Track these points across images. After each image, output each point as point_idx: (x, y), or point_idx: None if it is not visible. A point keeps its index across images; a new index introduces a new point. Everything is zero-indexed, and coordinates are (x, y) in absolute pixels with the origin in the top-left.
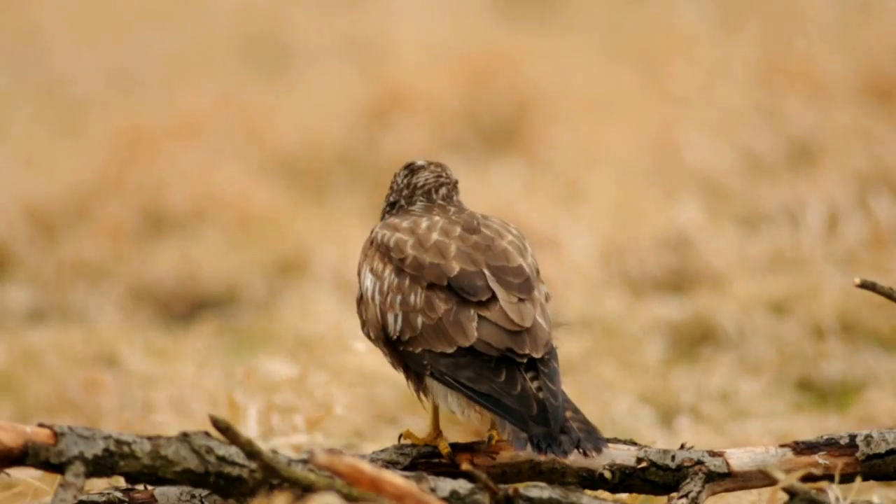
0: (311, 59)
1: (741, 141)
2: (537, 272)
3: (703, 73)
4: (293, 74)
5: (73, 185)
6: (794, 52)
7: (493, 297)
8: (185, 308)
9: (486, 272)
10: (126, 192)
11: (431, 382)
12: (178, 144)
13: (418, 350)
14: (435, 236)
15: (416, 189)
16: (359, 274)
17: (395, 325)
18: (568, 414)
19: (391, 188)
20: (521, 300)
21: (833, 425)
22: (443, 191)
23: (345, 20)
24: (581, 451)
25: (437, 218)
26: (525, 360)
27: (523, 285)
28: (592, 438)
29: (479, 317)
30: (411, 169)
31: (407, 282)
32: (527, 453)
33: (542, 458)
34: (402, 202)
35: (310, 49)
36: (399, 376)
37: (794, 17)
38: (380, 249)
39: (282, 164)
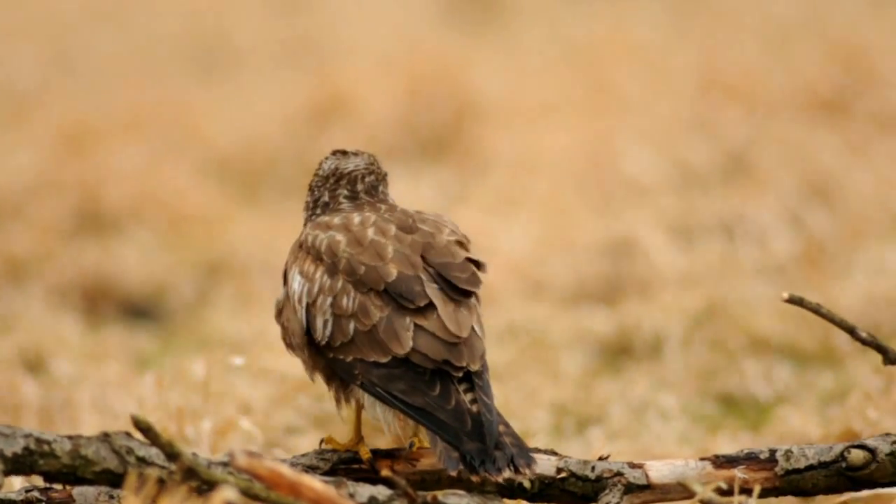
0: (254, 62)
1: (678, 152)
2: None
3: (643, 83)
4: (235, 76)
5: (9, 180)
6: (732, 65)
7: (431, 304)
8: (113, 308)
9: (424, 276)
10: (63, 189)
11: (359, 391)
12: (117, 143)
13: (349, 358)
14: (371, 235)
15: (342, 178)
16: (285, 276)
17: (323, 330)
18: (501, 428)
19: (315, 179)
20: (457, 307)
21: (752, 440)
22: (370, 180)
23: (288, 23)
24: (514, 468)
25: (368, 214)
26: (461, 374)
27: (471, 279)
28: (524, 454)
29: (416, 326)
30: (342, 153)
31: (339, 284)
32: (457, 473)
33: (474, 478)
34: (326, 196)
35: (252, 51)
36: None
37: (734, 30)
38: (311, 252)
39: (219, 166)
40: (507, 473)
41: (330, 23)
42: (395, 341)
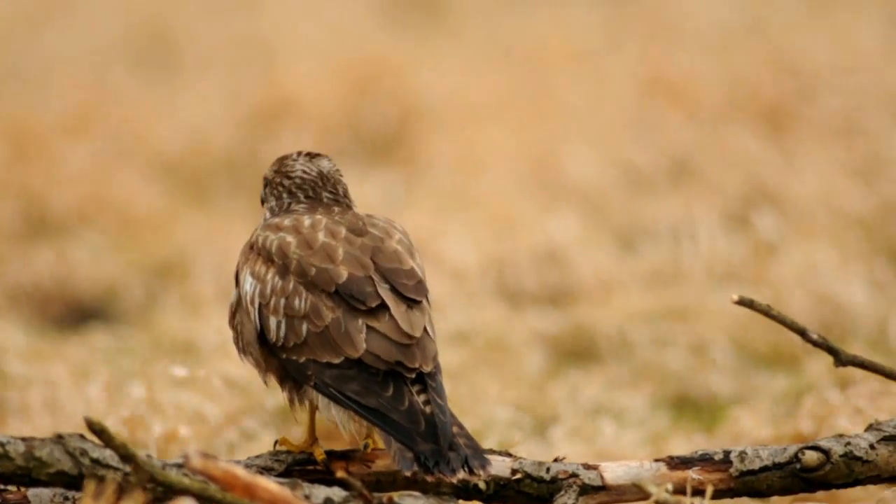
0: (199, 62)
1: (622, 155)
2: (424, 274)
3: (585, 85)
4: (180, 77)
5: None
6: (674, 69)
7: (383, 305)
8: (63, 311)
9: (376, 277)
10: (8, 192)
11: (312, 392)
12: (62, 145)
13: (302, 359)
14: (321, 237)
15: (307, 180)
16: (237, 277)
17: (277, 330)
18: (455, 430)
19: (276, 177)
20: (409, 307)
21: (708, 441)
22: (332, 183)
23: (233, 24)
24: (468, 469)
25: (319, 217)
26: (414, 375)
27: (417, 287)
28: (479, 456)
29: (368, 327)
30: (308, 154)
31: (291, 285)
32: (412, 474)
33: (428, 478)
34: (285, 196)
35: (197, 52)
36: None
37: (677, 34)
38: (262, 253)
39: (166, 168)
40: (461, 474)
41: (274, 23)
42: (347, 343)
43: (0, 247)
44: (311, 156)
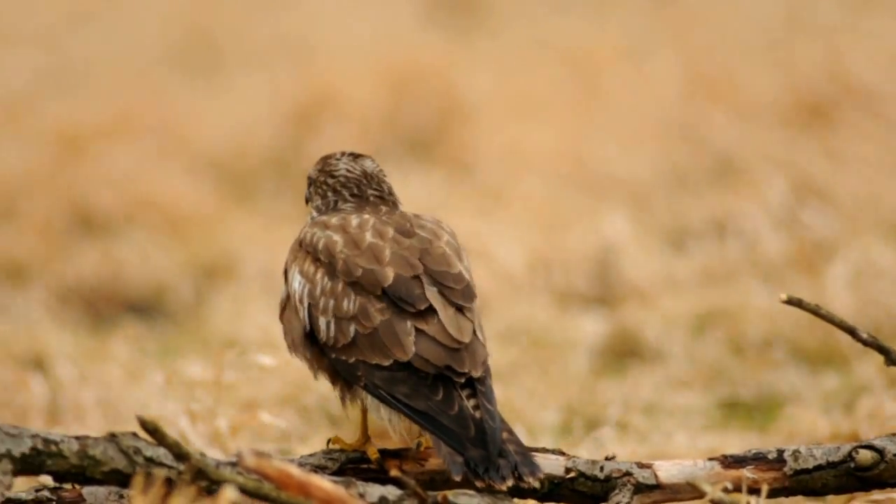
0: (241, 61)
1: (666, 154)
2: (472, 277)
3: (628, 84)
4: (222, 76)
5: (2, 182)
6: (718, 67)
7: (432, 308)
8: (112, 310)
9: (424, 279)
10: (55, 192)
11: (363, 392)
12: (107, 145)
13: (352, 360)
14: (369, 237)
15: (350, 180)
16: (285, 275)
17: (326, 330)
18: (504, 436)
19: (320, 176)
20: (458, 311)
21: (758, 441)
22: (376, 183)
23: (274, 22)
24: (518, 476)
25: (367, 216)
26: (463, 379)
27: (464, 292)
28: (528, 462)
29: (417, 330)
30: (352, 155)
31: (340, 286)
32: (462, 478)
33: (478, 484)
34: (330, 195)
35: (239, 51)
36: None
37: (720, 32)
38: (309, 251)
39: (210, 167)
40: (510, 482)
41: (314, 21)
42: (396, 346)
43: (48, 247)
44: (355, 156)
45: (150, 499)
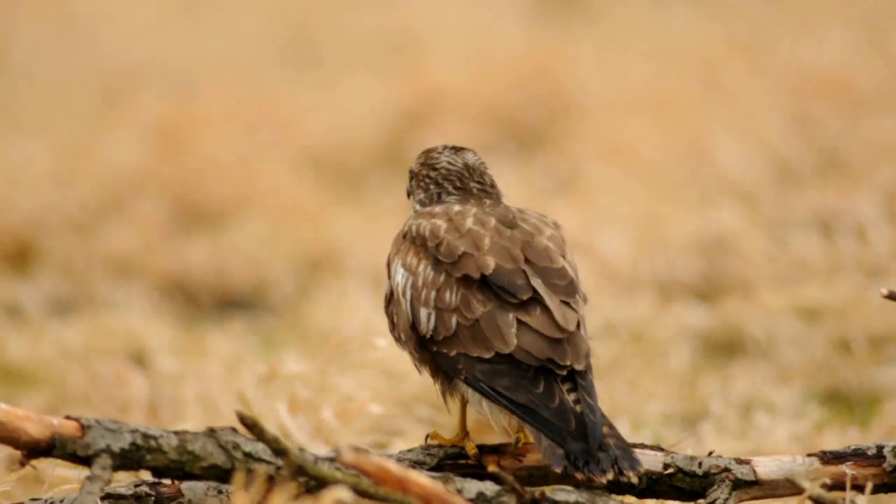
0: (346, 57)
1: (774, 148)
2: (576, 272)
3: (738, 77)
4: (327, 71)
5: (108, 176)
6: (826, 59)
7: (534, 299)
8: (215, 303)
9: (528, 270)
10: (160, 186)
11: (463, 386)
12: (212, 140)
13: (453, 353)
14: (469, 224)
15: (452, 173)
16: (388, 268)
17: (427, 323)
18: (605, 430)
19: (422, 169)
20: (562, 305)
21: (858, 437)
22: (478, 176)
23: (379, 18)
24: (618, 470)
25: (470, 206)
26: (564, 372)
27: (567, 288)
28: (628, 456)
29: (519, 322)
30: (453, 148)
31: (442, 277)
32: (562, 470)
33: (578, 476)
34: (433, 188)
35: (344, 46)
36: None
37: (827, 25)
38: (414, 241)
39: (315, 161)
40: (610, 475)
41: (420, 17)
42: (498, 338)
43: (153, 241)
44: (456, 149)
45: (251, 496)
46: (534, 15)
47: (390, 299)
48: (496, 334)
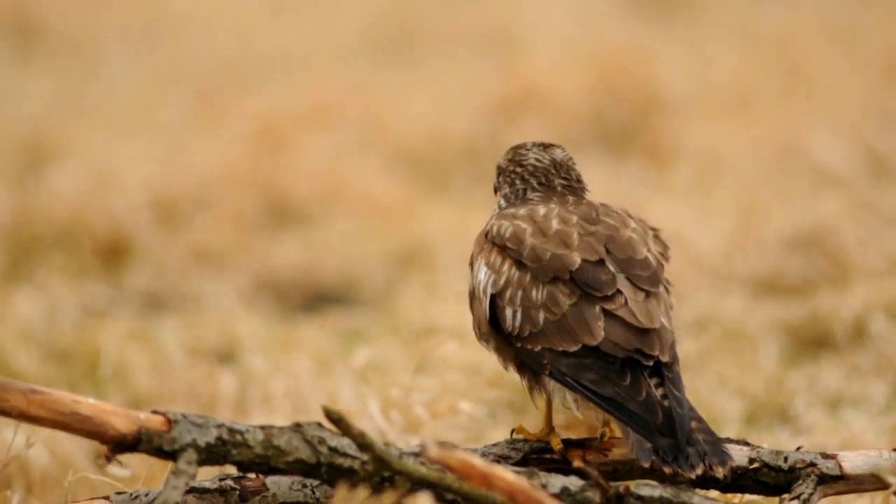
0: (436, 52)
1: (867, 140)
2: (661, 262)
3: (830, 71)
4: (420, 67)
5: (202, 173)
6: None
7: (619, 292)
8: (305, 299)
9: (611, 266)
10: (252, 182)
11: (548, 381)
12: (304, 137)
13: (538, 348)
14: (555, 225)
15: (539, 170)
16: (471, 266)
17: (512, 320)
18: (693, 424)
19: (509, 165)
20: (647, 297)
21: None
22: (565, 173)
23: (470, 13)
24: (707, 465)
25: (553, 206)
26: (651, 364)
27: (651, 278)
28: (717, 451)
29: (606, 313)
30: (542, 145)
31: (528, 276)
32: (650, 464)
33: (666, 470)
34: (518, 183)
35: (437, 42)
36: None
37: None
38: (496, 242)
39: (406, 157)
40: (699, 471)
41: (513, 12)
42: (585, 330)
43: (245, 236)
44: (545, 146)
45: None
46: (630, 8)
47: (472, 298)
48: (583, 327)
